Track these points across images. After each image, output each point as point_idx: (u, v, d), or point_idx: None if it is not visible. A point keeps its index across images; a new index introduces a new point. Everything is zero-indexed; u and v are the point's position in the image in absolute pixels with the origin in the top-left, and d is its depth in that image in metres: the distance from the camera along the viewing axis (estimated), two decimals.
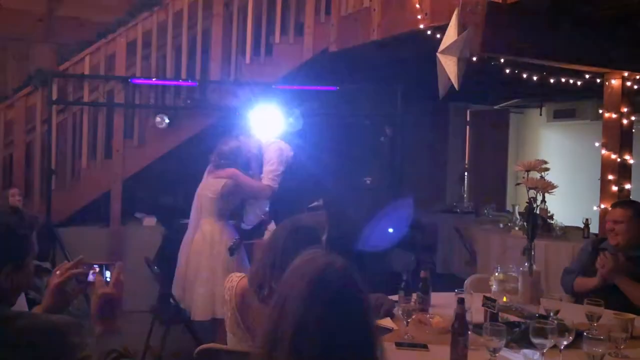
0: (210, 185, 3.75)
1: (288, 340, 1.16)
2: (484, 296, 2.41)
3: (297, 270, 1.26)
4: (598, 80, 4.42)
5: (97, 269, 1.73)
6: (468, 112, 9.02)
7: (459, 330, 2.02)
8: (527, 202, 2.48)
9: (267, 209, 4.09)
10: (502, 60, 4.25)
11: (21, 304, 1.90)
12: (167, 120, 5.24)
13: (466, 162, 8.82)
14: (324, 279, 1.21)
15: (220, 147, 3.80)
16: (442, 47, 3.49)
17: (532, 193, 2.46)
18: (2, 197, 4.55)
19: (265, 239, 3.75)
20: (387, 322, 2.47)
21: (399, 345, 2.22)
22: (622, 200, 3.87)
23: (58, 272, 1.69)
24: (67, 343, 1.44)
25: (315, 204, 3.93)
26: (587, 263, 3.19)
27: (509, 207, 7.74)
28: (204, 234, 3.73)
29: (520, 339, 2.20)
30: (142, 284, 4.60)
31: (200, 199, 3.82)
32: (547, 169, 2.83)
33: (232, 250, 3.57)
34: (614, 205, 3.38)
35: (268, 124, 4.15)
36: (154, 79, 5.37)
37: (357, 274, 1.28)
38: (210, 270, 3.64)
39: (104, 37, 5.27)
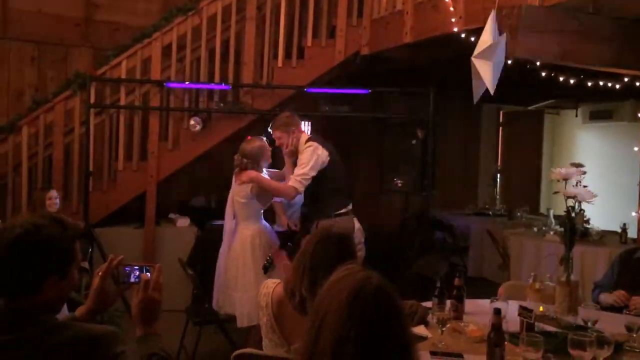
0: (239, 191, 3.74)
1: (328, 356, 1.18)
2: (520, 306, 2.38)
3: (335, 286, 1.27)
4: (637, 84, 4.31)
5: (138, 272, 1.75)
6: (501, 113, 8.89)
7: (496, 340, 2.00)
8: (565, 212, 2.45)
9: (296, 217, 4.08)
10: (538, 64, 4.18)
11: None
12: (200, 123, 5.32)
13: (499, 164, 8.70)
14: (361, 295, 1.23)
15: (243, 146, 3.78)
16: (477, 51, 3.46)
17: (570, 202, 2.43)
18: (40, 199, 4.66)
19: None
20: (421, 329, 2.46)
21: (433, 354, 2.21)
22: None
23: (100, 274, 1.72)
24: (111, 354, 1.48)
25: (343, 210, 3.84)
26: (617, 277, 3.12)
27: (542, 210, 7.62)
28: (243, 239, 3.70)
29: (557, 350, 2.17)
30: (176, 284, 4.69)
31: (233, 205, 3.83)
32: (583, 172, 2.77)
33: (265, 268, 3.56)
34: None
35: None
36: (187, 83, 5.45)
37: (393, 288, 1.29)
38: (254, 274, 3.59)
39: (139, 41, 5.36)
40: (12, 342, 1.43)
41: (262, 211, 3.83)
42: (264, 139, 3.92)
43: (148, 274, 1.70)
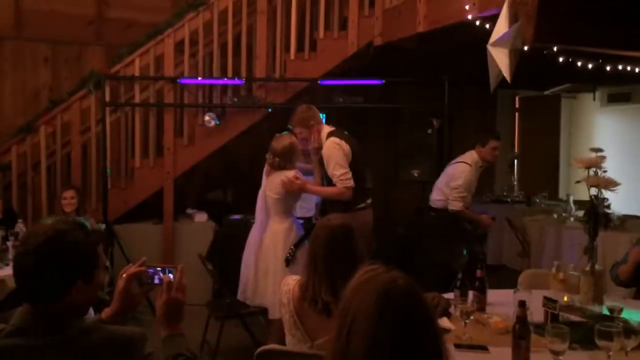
0: (273, 187, 3.73)
1: None
2: (544, 297, 2.36)
3: (360, 289, 1.25)
4: None
5: (161, 273, 1.76)
6: (517, 98, 8.79)
7: (521, 333, 1.99)
8: (589, 200, 2.41)
9: (313, 212, 4.07)
10: (555, 49, 4.12)
11: None
12: (215, 119, 5.33)
13: (516, 150, 8.62)
14: (390, 297, 1.21)
15: (273, 145, 3.76)
16: (492, 38, 3.41)
17: (593, 190, 2.39)
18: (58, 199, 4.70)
19: None
20: (444, 322, 2.45)
21: (458, 347, 2.21)
22: None
23: (124, 275, 1.74)
24: (141, 355, 1.50)
25: (362, 204, 3.82)
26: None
27: (562, 196, 7.54)
28: (274, 234, 3.70)
29: (583, 340, 2.15)
30: (196, 279, 4.72)
31: (265, 199, 3.81)
32: (604, 157, 2.73)
33: (287, 261, 3.57)
34: None
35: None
36: (200, 78, 5.45)
37: (419, 286, 1.28)
38: (285, 267, 3.60)
39: (152, 38, 5.38)
40: (42, 347, 1.44)
41: (293, 206, 3.84)
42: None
43: (171, 275, 1.71)
